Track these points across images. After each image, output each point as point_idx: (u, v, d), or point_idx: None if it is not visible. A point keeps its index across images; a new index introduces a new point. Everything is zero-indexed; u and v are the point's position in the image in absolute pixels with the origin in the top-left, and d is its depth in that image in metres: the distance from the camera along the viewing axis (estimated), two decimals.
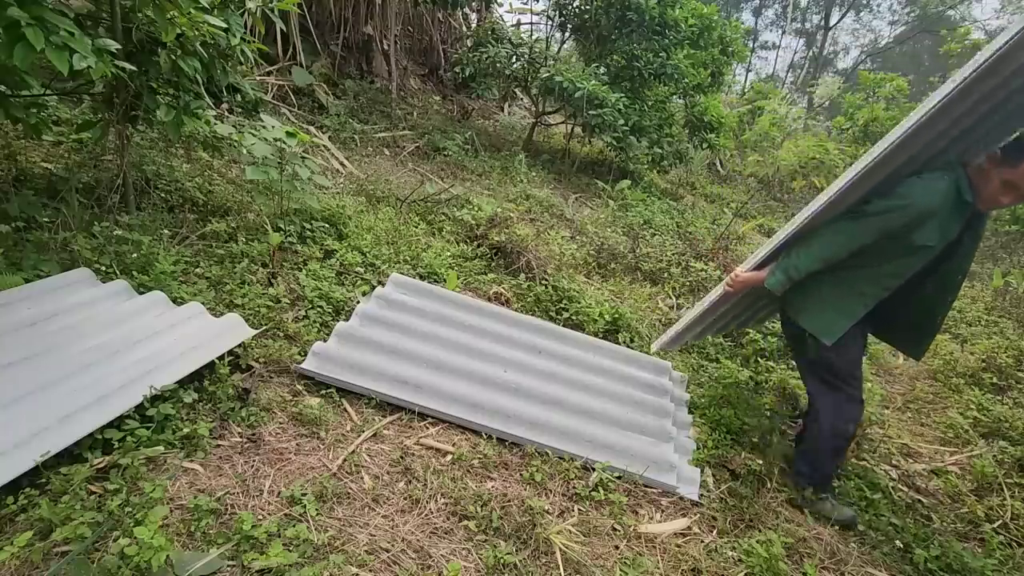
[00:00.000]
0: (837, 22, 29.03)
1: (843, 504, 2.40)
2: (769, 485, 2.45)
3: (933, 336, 2.36)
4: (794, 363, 2.68)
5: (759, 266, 2.34)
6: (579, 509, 2.09)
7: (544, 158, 7.85)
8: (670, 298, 4.36)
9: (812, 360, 2.33)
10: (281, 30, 6.22)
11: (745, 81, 26.21)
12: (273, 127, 3.39)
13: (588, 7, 7.47)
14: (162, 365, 2.12)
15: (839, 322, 2.19)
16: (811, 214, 2.07)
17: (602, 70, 7.26)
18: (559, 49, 8.70)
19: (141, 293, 2.53)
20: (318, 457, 2.06)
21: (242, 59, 3.15)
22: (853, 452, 2.81)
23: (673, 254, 5.02)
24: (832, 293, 2.21)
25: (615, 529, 2.04)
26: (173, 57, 2.67)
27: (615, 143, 7.22)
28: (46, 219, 2.78)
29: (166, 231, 3.06)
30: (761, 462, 2.51)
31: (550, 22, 8.70)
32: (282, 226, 3.46)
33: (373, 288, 3.24)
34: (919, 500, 2.60)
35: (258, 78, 6.03)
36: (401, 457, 2.14)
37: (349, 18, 7.36)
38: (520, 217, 5.02)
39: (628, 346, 3.43)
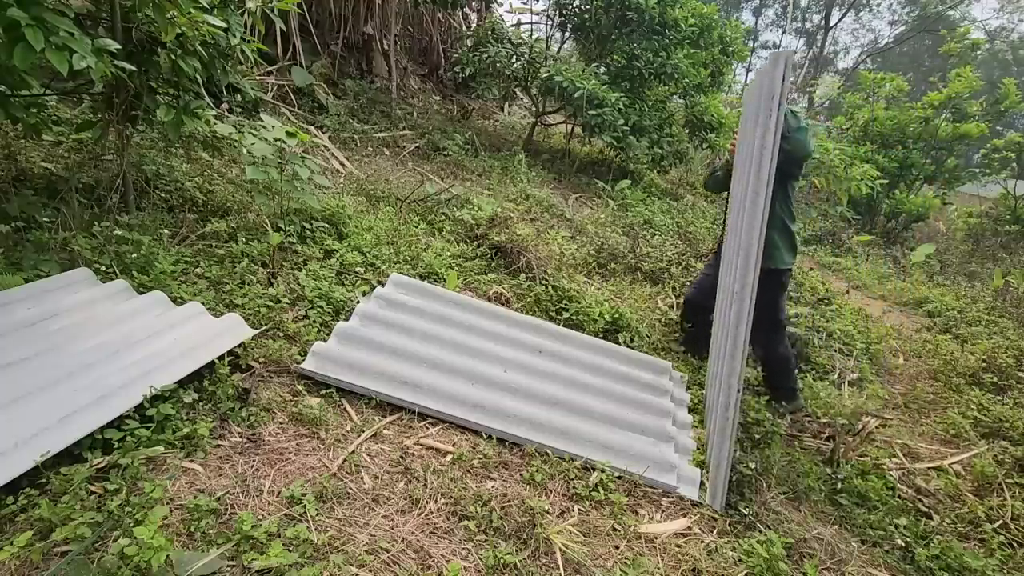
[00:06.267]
0: (837, 22, 29.05)
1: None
2: (769, 485, 2.45)
3: None
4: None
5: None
6: (579, 509, 2.09)
7: (544, 158, 7.85)
8: (670, 298, 4.35)
9: (778, 297, 3.01)
10: (281, 30, 6.21)
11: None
12: (273, 127, 3.39)
13: (588, 7, 7.47)
14: (162, 365, 2.12)
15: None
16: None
17: (602, 70, 7.26)
18: (559, 49, 8.69)
19: (141, 293, 2.53)
20: (318, 457, 2.06)
21: (242, 59, 3.15)
22: (854, 451, 2.81)
23: (673, 254, 5.02)
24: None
25: (615, 529, 2.04)
26: (173, 57, 2.66)
27: (615, 143, 7.21)
28: (46, 219, 2.78)
29: (166, 231, 3.06)
30: (760, 462, 2.51)
31: (550, 22, 8.70)
32: (282, 226, 3.46)
33: (373, 288, 3.23)
34: (919, 500, 2.60)
35: (258, 78, 6.03)
36: (401, 457, 2.14)
37: (349, 18, 7.35)
38: (520, 217, 5.02)
39: (628, 346, 3.43)
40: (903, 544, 2.27)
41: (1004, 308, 5.55)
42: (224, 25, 2.72)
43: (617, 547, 1.96)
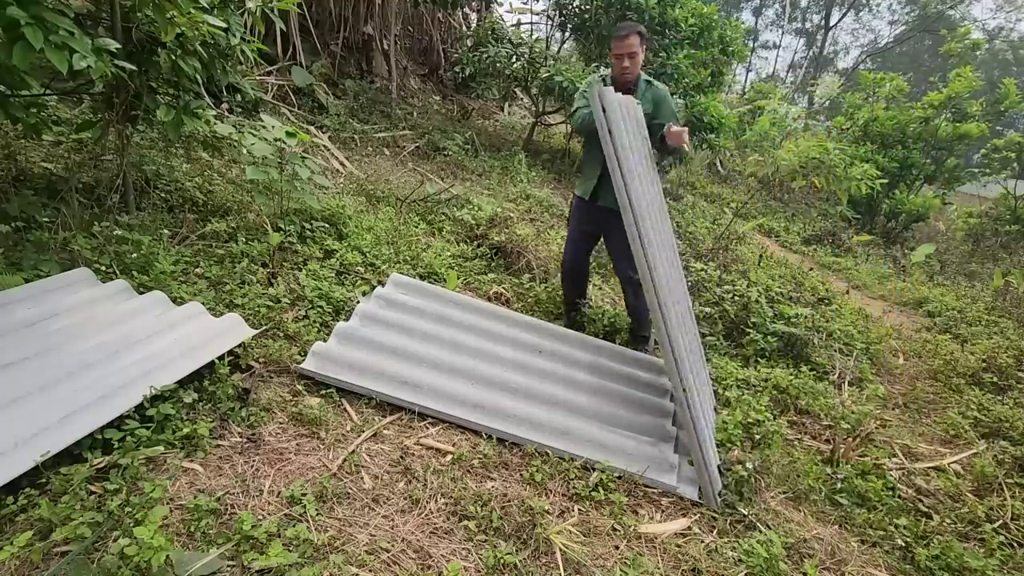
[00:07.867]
0: (837, 22, 29.08)
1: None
2: (768, 485, 2.45)
3: None
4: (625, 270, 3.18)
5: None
6: (579, 509, 2.09)
7: (544, 158, 7.85)
8: None
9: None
10: (281, 30, 6.22)
11: (745, 81, 26.28)
12: (273, 127, 3.39)
13: (588, 7, 7.47)
14: (162, 365, 2.11)
15: None
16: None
17: (602, 70, 7.25)
18: (559, 49, 8.69)
19: (141, 293, 2.53)
20: (318, 457, 2.06)
21: (242, 59, 3.15)
22: (854, 451, 2.81)
23: None
24: None
25: (615, 529, 2.04)
26: (173, 57, 2.66)
27: None
28: (46, 219, 2.78)
29: (166, 231, 3.06)
30: (759, 462, 2.51)
31: (550, 22, 8.70)
32: (282, 226, 3.46)
33: (373, 288, 3.23)
34: (919, 500, 2.60)
35: (258, 78, 6.03)
36: (401, 457, 2.14)
37: (349, 18, 7.35)
38: (520, 217, 5.02)
39: (628, 346, 3.43)
40: (903, 544, 2.27)
41: (1004, 308, 5.55)
42: (224, 25, 2.72)
43: (617, 547, 1.96)
